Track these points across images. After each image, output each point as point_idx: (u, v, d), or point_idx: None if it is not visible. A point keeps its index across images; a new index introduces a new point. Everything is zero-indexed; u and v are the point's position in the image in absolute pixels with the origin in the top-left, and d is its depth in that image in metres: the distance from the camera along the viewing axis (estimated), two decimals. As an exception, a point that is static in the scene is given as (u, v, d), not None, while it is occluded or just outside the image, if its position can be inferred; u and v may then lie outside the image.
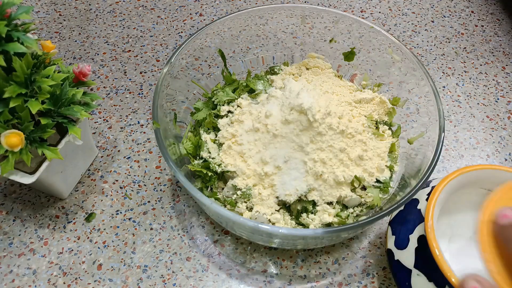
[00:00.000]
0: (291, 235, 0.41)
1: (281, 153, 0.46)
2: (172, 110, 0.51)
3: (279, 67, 0.59)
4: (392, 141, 0.52)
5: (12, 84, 0.39)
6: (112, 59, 0.69)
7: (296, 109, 0.45)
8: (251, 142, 0.48)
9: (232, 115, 0.52)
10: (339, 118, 0.47)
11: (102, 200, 0.53)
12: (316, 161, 0.46)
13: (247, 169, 0.47)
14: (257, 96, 0.54)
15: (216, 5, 0.79)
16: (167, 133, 0.48)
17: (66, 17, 0.76)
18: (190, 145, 0.51)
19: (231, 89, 0.56)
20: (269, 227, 0.39)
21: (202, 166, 0.49)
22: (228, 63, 0.59)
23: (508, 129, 0.62)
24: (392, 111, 0.54)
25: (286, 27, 0.61)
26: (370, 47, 0.57)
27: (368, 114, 0.53)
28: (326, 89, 0.54)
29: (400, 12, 0.79)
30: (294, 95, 0.46)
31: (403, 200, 0.40)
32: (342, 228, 0.40)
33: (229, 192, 0.48)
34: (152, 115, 0.46)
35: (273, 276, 0.48)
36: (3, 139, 0.40)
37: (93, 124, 0.60)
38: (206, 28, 0.54)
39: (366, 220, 0.40)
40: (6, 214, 0.51)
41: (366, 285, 0.47)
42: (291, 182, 0.46)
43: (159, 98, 0.47)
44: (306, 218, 0.46)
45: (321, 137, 0.45)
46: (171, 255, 0.49)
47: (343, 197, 0.47)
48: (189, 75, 0.55)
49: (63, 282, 0.47)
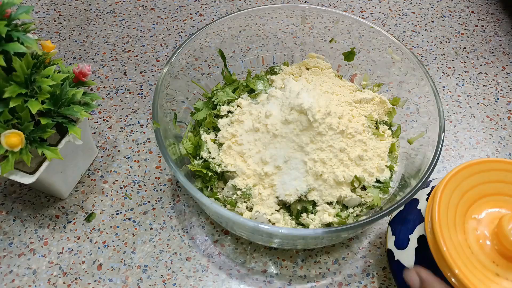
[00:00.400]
0: (291, 235, 0.41)
1: (281, 153, 0.46)
2: (172, 110, 0.51)
3: (279, 67, 0.59)
4: (392, 141, 0.52)
5: (12, 84, 0.39)
6: (112, 59, 0.69)
7: (296, 109, 0.45)
8: (251, 142, 0.48)
9: (232, 115, 0.52)
10: (339, 118, 0.47)
11: (102, 200, 0.53)
12: (316, 161, 0.46)
13: (247, 169, 0.47)
14: (257, 96, 0.54)
15: (216, 5, 0.79)
16: (167, 133, 0.48)
17: (66, 17, 0.76)
18: (190, 145, 0.51)
19: (231, 89, 0.56)
20: (269, 227, 0.39)
21: (202, 166, 0.49)
22: (228, 63, 0.59)
23: (508, 129, 0.62)
24: (392, 111, 0.54)
25: (286, 27, 0.61)
26: (370, 47, 0.57)
27: (368, 114, 0.53)
28: (326, 89, 0.54)
29: (400, 12, 0.79)
30: (294, 95, 0.46)
31: (403, 200, 0.40)
32: (342, 228, 0.40)
33: (229, 192, 0.48)
34: (152, 115, 0.46)
35: (273, 276, 0.48)
36: (3, 139, 0.40)
37: (93, 124, 0.60)
38: (206, 28, 0.54)
39: (366, 220, 0.40)
40: (6, 214, 0.51)
41: (366, 285, 0.47)
42: (291, 182, 0.46)
43: (159, 98, 0.47)
44: (306, 218, 0.46)
45: (321, 137, 0.46)
46: (171, 255, 0.49)
47: (343, 197, 0.47)
48: (189, 75, 0.55)
49: (63, 282, 0.47)
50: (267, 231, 0.40)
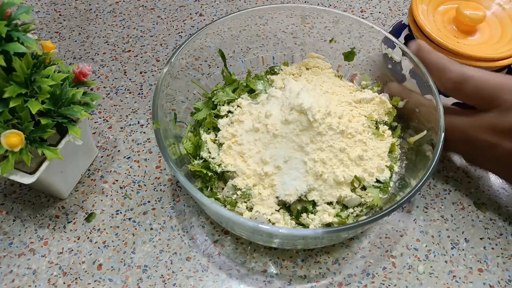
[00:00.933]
0: (291, 235, 0.41)
1: (281, 153, 0.46)
2: (172, 110, 0.51)
3: (279, 67, 0.59)
4: (392, 141, 0.52)
5: (12, 84, 0.39)
6: (112, 59, 0.69)
7: (296, 109, 0.45)
8: (251, 142, 0.48)
9: (232, 115, 0.52)
10: (339, 118, 0.47)
11: (102, 200, 0.53)
12: (316, 161, 0.46)
13: (247, 169, 0.47)
14: (257, 96, 0.54)
15: (216, 5, 0.79)
16: (167, 133, 0.48)
17: (66, 17, 0.76)
18: (190, 145, 0.51)
19: (231, 89, 0.56)
20: (269, 227, 0.39)
21: (202, 166, 0.49)
22: (228, 63, 0.59)
23: (508, 129, 0.62)
24: (392, 111, 0.54)
25: (286, 27, 0.61)
26: (370, 47, 0.57)
27: (368, 114, 0.53)
28: (326, 89, 0.54)
29: (400, 12, 0.79)
30: (294, 95, 0.46)
31: (403, 200, 0.40)
32: (342, 228, 0.40)
33: (229, 192, 0.48)
34: (152, 115, 0.46)
35: (273, 276, 0.48)
36: (3, 139, 0.40)
37: (93, 124, 0.60)
38: (206, 28, 0.54)
39: (366, 220, 0.40)
40: (6, 214, 0.51)
41: (366, 285, 0.47)
42: (291, 182, 0.46)
43: (159, 98, 0.47)
44: (306, 218, 0.46)
45: (321, 137, 0.45)
46: (171, 255, 0.49)
47: (343, 197, 0.47)
48: (189, 75, 0.55)
49: (63, 282, 0.47)
50: (267, 231, 0.40)
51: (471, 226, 0.52)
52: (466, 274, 0.48)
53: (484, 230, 0.52)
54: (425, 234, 0.51)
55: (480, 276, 0.48)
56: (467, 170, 0.57)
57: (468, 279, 0.48)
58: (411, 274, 0.48)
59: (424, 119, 0.50)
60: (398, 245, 0.50)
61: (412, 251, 0.50)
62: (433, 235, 0.51)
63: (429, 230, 0.52)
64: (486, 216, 0.53)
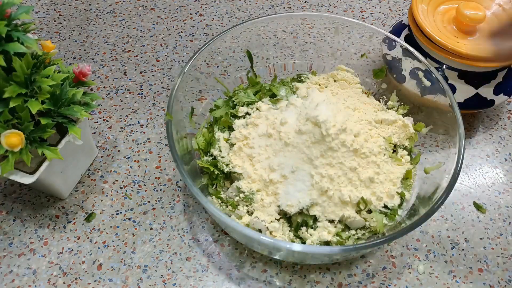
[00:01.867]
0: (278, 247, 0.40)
1: (290, 162, 0.46)
2: (190, 103, 0.51)
3: (306, 76, 0.58)
4: (409, 168, 0.50)
5: (12, 84, 0.39)
6: (112, 59, 0.69)
7: (311, 120, 0.45)
8: (262, 146, 0.47)
9: (249, 117, 0.52)
10: (355, 136, 0.46)
11: (102, 200, 0.53)
12: (324, 176, 0.45)
13: (254, 173, 0.47)
14: (277, 102, 0.54)
15: (216, 5, 0.79)
16: (180, 125, 0.48)
17: (66, 17, 0.76)
18: (203, 141, 0.51)
19: (253, 91, 0.56)
20: (255, 235, 0.39)
21: (210, 163, 0.49)
22: (254, 65, 0.58)
23: (508, 129, 0.62)
24: (413, 136, 0.52)
25: (317, 37, 0.60)
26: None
27: (387, 136, 0.51)
28: (349, 104, 0.52)
29: (400, 12, 0.79)
30: (313, 106, 0.46)
31: (408, 229, 0.40)
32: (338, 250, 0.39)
33: (233, 193, 0.48)
34: (167, 106, 0.46)
35: (273, 276, 0.48)
36: (3, 139, 0.40)
37: (93, 124, 0.60)
38: (237, 28, 0.54)
39: (363, 244, 0.40)
40: (6, 214, 0.51)
41: (366, 285, 0.47)
42: (295, 193, 0.45)
43: (177, 90, 0.47)
44: (305, 232, 0.46)
45: (333, 152, 0.44)
46: (171, 255, 0.49)
47: (346, 217, 0.45)
48: (213, 73, 0.55)
49: (63, 282, 0.47)
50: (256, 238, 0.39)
51: (471, 226, 0.52)
52: (466, 274, 0.48)
53: (484, 230, 0.52)
54: (425, 234, 0.51)
55: (480, 276, 0.48)
56: (467, 170, 0.57)
57: (468, 279, 0.48)
58: (411, 274, 0.48)
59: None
60: (398, 245, 0.50)
61: (412, 251, 0.50)
62: (433, 235, 0.51)
63: (429, 230, 0.52)
64: (486, 216, 0.53)
